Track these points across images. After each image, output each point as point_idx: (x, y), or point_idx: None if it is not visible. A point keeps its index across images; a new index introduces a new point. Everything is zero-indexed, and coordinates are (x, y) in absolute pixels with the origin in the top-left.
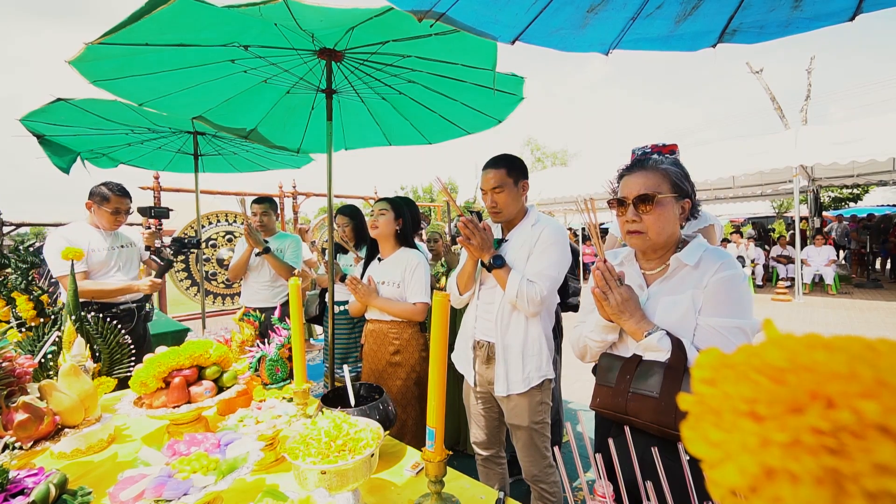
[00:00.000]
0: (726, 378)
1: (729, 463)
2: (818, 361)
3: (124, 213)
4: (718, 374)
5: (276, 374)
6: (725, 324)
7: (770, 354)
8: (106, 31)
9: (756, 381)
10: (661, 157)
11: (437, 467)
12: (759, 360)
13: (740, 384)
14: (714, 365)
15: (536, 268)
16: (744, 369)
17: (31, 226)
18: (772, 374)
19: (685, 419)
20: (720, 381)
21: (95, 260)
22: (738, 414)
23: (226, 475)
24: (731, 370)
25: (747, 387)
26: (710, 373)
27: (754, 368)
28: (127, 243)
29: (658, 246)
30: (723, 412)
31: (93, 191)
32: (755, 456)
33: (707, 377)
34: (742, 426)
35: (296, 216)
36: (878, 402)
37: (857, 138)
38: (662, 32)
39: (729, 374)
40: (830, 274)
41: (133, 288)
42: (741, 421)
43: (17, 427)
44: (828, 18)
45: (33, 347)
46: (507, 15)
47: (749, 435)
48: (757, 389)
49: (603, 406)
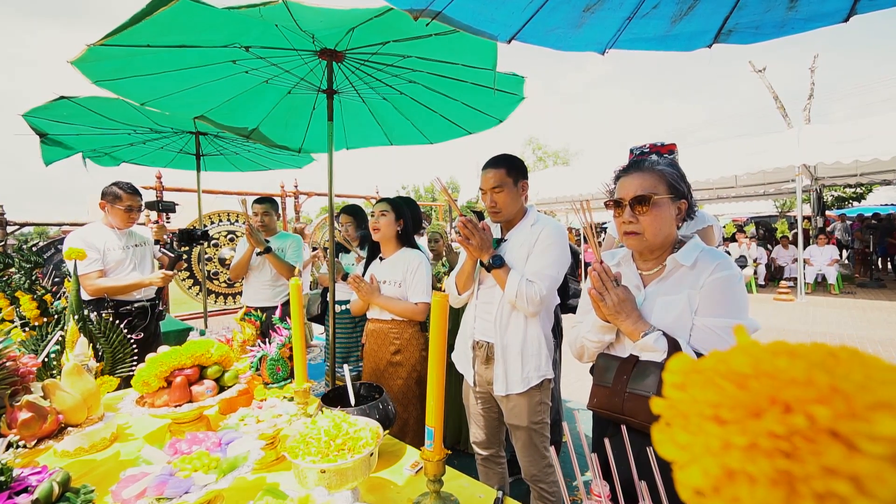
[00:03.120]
0: (695, 383)
1: (694, 465)
2: (779, 368)
3: (137, 211)
4: (688, 378)
5: (276, 374)
6: (722, 324)
7: (736, 361)
8: (108, 33)
9: (721, 386)
10: (657, 157)
11: (435, 466)
12: (725, 366)
13: (707, 389)
14: (684, 370)
15: (536, 267)
16: (711, 375)
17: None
18: (736, 380)
19: (657, 422)
20: (689, 386)
21: (112, 259)
22: (704, 418)
23: (227, 474)
24: (700, 375)
25: (713, 392)
26: (680, 378)
27: (720, 374)
28: (141, 242)
29: (655, 247)
30: (690, 416)
31: (105, 191)
32: (717, 458)
33: (677, 382)
34: (707, 429)
35: (297, 216)
36: (830, 407)
37: (860, 137)
38: (658, 32)
39: (697, 378)
40: (833, 273)
41: (146, 282)
42: (706, 424)
43: (21, 426)
44: (822, 19)
45: (37, 347)
46: (503, 13)
47: (713, 438)
48: (722, 394)
49: (600, 406)
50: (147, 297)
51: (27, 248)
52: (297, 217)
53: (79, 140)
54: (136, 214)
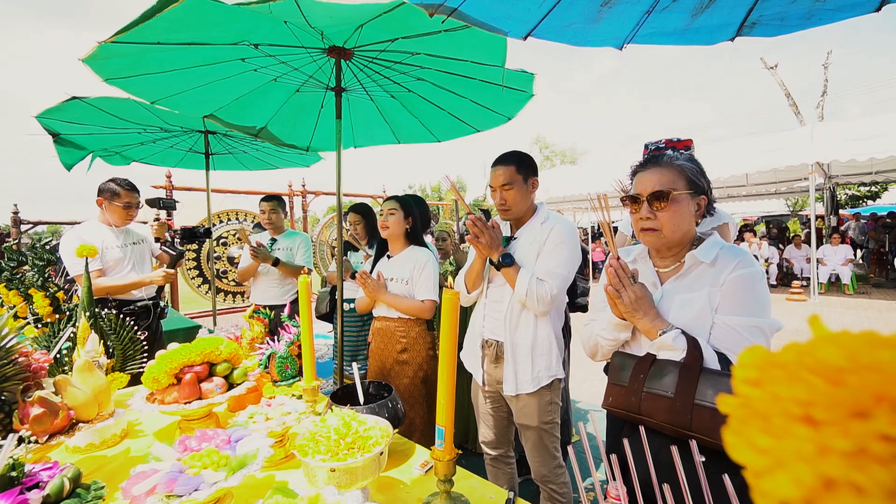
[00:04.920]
0: (774, 379)
1: (781, 472)
2: (884, 360)
3: (135, 208)
4: (765, 374)
5: (285, 372)
6: (743, 322)
7: (826, 353)
8: (118, 30)
9: (810, 382)
10: (675, 153)
11: (446, 466)
12: (812, 359)
13: (792, 385)
14: (759, 364)
15: (546, 266)
16: (795, 369)
17: (48, 224)
18: (829, 375)
19: (727, 423)
20: (767, 382)
21: (109, 258)
22: (791, 418)
23: (236, 471)
24: (780, 370)
25: (801, 388)
26: (754, 373)
27: (807, 368)
28: (139, 240)
29: (673, 244)
30: (772, 416)
31: (102, 188)
32: (812, 465)
33: (751, 377)
34: (796, 432)
35: (305, 214)
36: None
37: (875, 134)
38: (679, 26)
39: (777, 374)
40: (847, 273)
41: (147, 280)
42: (794, 426)
43: (33, 421)
44: (852, 9)
45: (49, 343)
46: (519, 10)
47: (804, 442)
48: (812, 391)
49: (615, 405)
50: (148, 295)
51: (40, 246)
52: (305, 216)
53: (90, 140)
54: (135, 211)
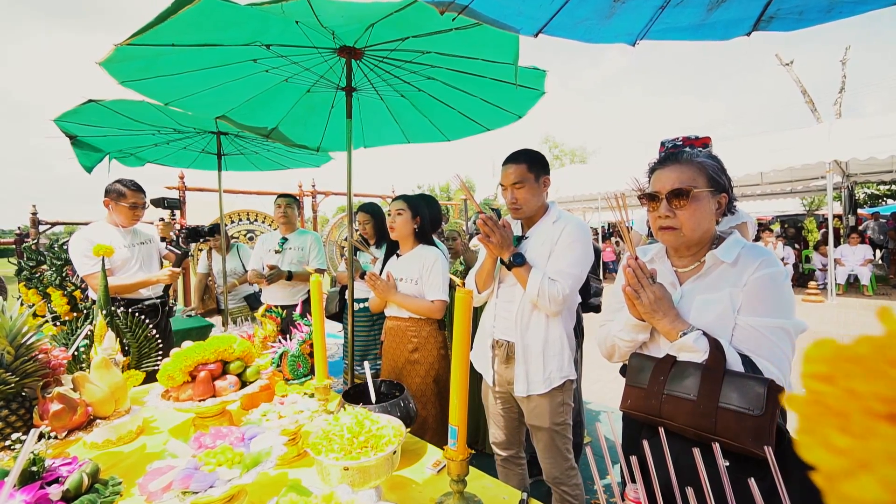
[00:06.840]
0: (850, 374)
1: (866, 474)
2: None
3: (141, 208)
4: (838, 368)
5: (297, 370)
6: (767, 323)
7: None
8: (134, 32)
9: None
10: (694, 150)
11: (459, 466)
12: (894, 352)
13: (873, 381)
14: (830, 358)
15: (558, 266)
16: (874, 363)
17: (66, 224)
18: None
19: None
20: (841, 378)
21: (117, 258)
22: (874, 416)
23: (250, 469)
24: (857, 364)
25: (884, 384)
26: (825, 367)
27: (889, 362)
28: (146, 240)
29: (692, 242)
30: (850, 414)
31: (108, 188)
32: None
33: (822, 373)
34: (881, 431)
35: (315, 215)
36: None
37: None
38: (693, 21)
39: (853, 369)
40: (867, 274)
41: (153, 279)
42: (879, 425)
43: (53, 417)
44: (874, 1)
45: (67, 341)
46: (530, 6)
47: (892, 441)
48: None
49: (635, 408)
50: (156, 294)
51: (58, 246)
52: (315, 216)
53: (106, 142)
54: (141, 212)
